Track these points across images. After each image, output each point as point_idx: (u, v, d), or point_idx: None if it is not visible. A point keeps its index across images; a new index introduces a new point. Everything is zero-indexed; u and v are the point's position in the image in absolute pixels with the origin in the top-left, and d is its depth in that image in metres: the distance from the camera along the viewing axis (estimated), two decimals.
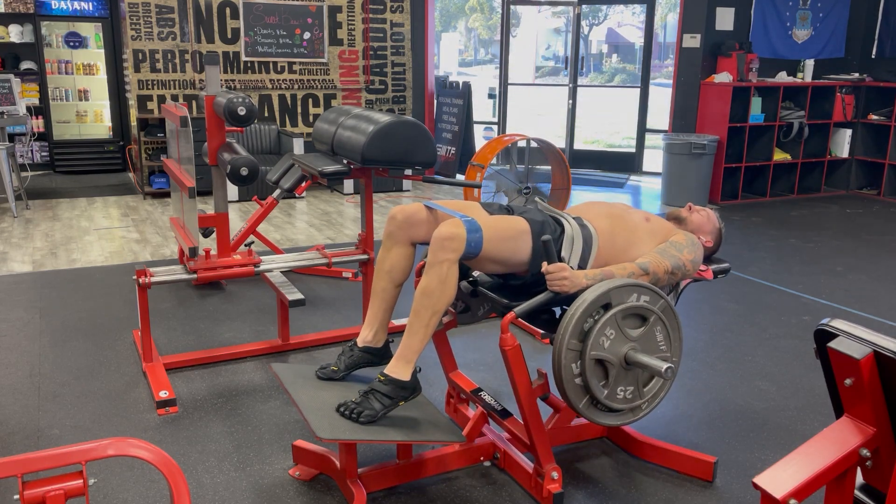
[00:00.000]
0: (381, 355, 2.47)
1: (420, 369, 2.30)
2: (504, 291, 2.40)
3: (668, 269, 2.31)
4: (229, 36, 7.26)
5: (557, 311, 2.41)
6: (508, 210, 2.49)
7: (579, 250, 2.32)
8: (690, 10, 7.15)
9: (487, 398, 2.64)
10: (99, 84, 8.44)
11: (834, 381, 1.61)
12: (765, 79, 7.28)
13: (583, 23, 12.30)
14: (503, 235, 2.23)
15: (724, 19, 7.15)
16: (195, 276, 3.29)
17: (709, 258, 2.66)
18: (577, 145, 9.19)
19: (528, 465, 2.45)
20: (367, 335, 2.46)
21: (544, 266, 2.18)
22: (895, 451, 1.56)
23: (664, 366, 2.04)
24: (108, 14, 8.17)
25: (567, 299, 2.25)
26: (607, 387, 2.14)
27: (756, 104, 7.10)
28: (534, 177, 5.60)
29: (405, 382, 2.24)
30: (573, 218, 2.40)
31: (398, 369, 2.24)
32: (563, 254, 2.30)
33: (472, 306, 2.60)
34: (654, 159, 8.50)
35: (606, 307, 2.10)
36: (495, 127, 9.06)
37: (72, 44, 8.26)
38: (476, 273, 2.53)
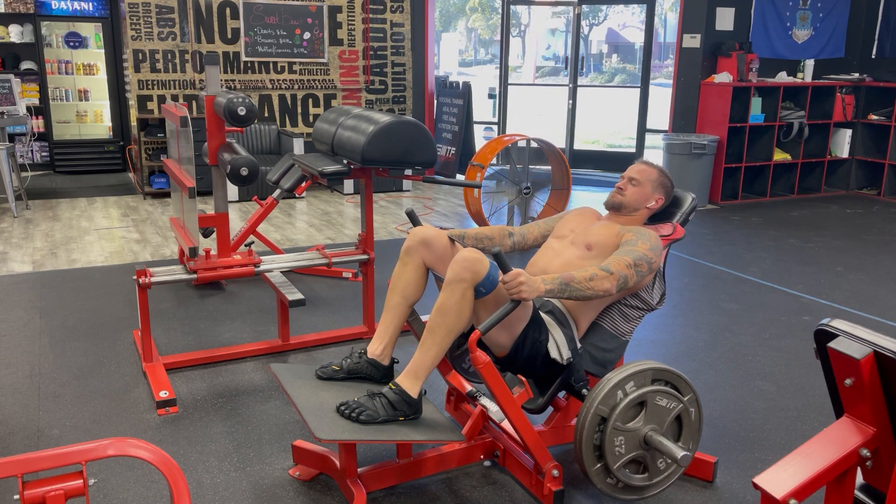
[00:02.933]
0: (384, 373, 2.48)
1: (426, 392, 2.31)
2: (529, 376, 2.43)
3: (629, 262, 2.26)
4: (229, 36, 7.26)
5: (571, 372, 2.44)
6: None
7: (561, 334, 2.33)
8: (690, 10, 7.15)
9: (483, 401, 2.64)
10: (99, 84, 8.44)
11: (834, 381, 1.61)
12: (765, 79, 7.28)
13: (583, 23, 12.31)
14: None
15: (724, 19, 7.15)
16: (195, 276, 3.29)
17: (674, 206, 2.62)
18: (577, 145, 9.18)
19: (529, 463, 2.45)
20: (376, 348, 2.47)
21: (500, 276, 2.14)
22: (895, 451, 1.56)
23: (680, 453, 2.05)
24: (108, 14, 8.17)
25: (535, 346, 2.26)
26: (647, 470, 2.16)
27: (756, 104, 7.10)
28: (534, 177, 5.60)
29: (412, 399, 2.24)
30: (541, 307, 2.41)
31: (407, 383, 2.24)
32: (553, 355, 2.29)
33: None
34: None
35: (604, 420, 2.09)
36: (495, 127, 9.06)
37: (72, 44, 8.26)
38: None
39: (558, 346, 2.31)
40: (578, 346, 2.39)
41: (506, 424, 2.58)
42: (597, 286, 2.18)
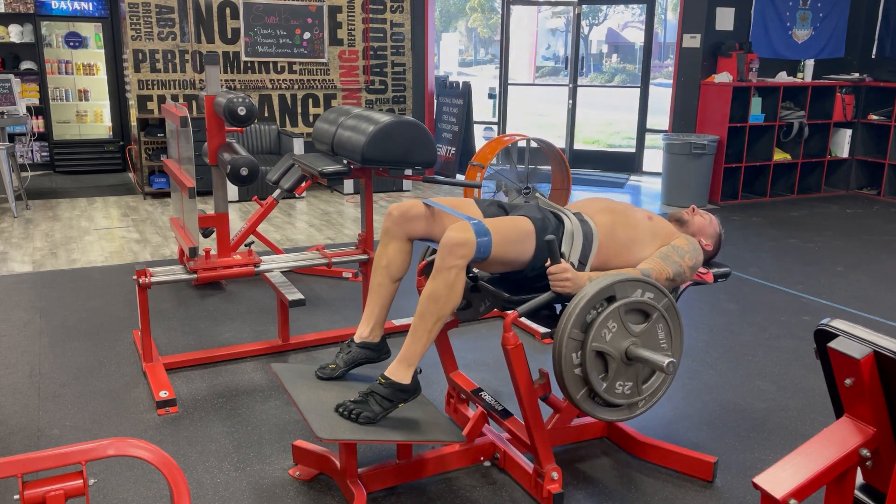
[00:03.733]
0: (378, 350, 2.48)
1: (420, 370, 2.30)
2: (504, 285, 2.40)
3: (669, 275, 2.31)
4: (229, 36, 7.26)
5: (558, 307, 2.41)
6: (502, 207, 2.48)
7: (579, 246, 2.30)
8: (690, 10, 7.15)
9: (488, 398, 2.64)
10: (99, 84, 8.44)
11: (834, 381, 1.61)
12: (765, 79, 7.28)
13: (583, 23, 12.31)
14: (511, 238, 2.22)
15: (724, 19, 7.15)
16: (195, 276, 3.29)
17: (707, 262, 2.66)
18: (577, 145, 9.19)
19: (528, 465, 2.45)
20: (364, 331, 2.47)
21: (548, 266, 2.17)
22: (895, 451, 1.56)
23: (666, 360, 2.03)
24: (108, 14, 8.17)
25: (569, 298, 2.25)
26: (606, 380, 2.13)
27: (756, 104, 7.10)
28: (534, 177, 5.60)
29: (405, 386, 2.23)
30: (573, 213, 2.39)
31: (399, 372, 2.23)
32: (563, 248, 2.28)
33: (473, 303, 2.60)
34: (654, 159, 8.50)
35: (610, 300, 2.09)
36: (495, 127, 9.06)
37: (72, 44, 8.26)
38: (476, 269, 2.53)
39: (573, 244, 2.29)
40: (587, 270, 2.31)
41: (508, 422, 2.57)
42: None
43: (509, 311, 2.22)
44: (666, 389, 2.24)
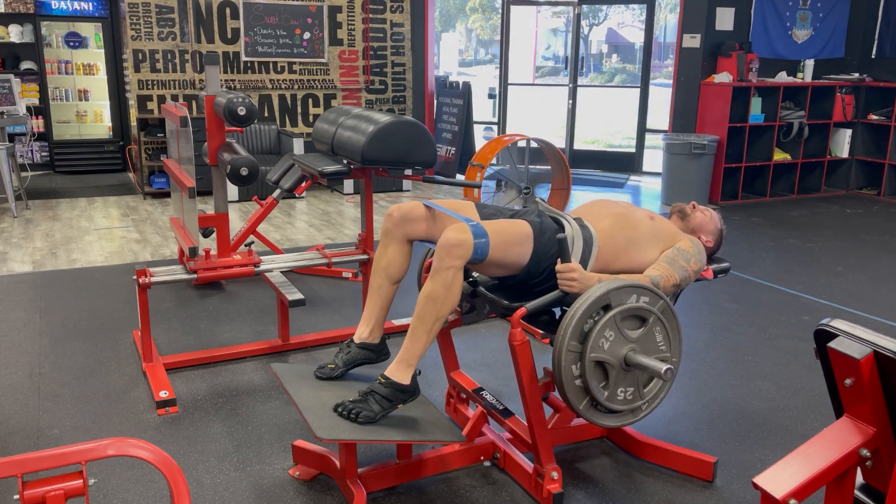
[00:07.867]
0: (378, 351, 2.48)
1: (420, 372, 2.30)
2: (503, 292, 2.40)
3: (676, 281, 2.32)
4: (229, 36, 7.26)
5: (557, 311, 2.41)
6: (502, 211, 2.48)
7: (579, 251, 2.32)
8: (690, 10, 7.15)
9: (489, 397, 2.64)
10: (99, 84, 8.44)
11: (834, 381, 1.61)
12: (765, 79, 7.28)
13: (583, 23, 12.31)
14: (509, 241, 2.23)
15: (724, 19, 7.15)
16: (195, 276, 3.29)
17: (709, 258, 2.66)
18: (577, 145, 9.19)
19: (528, 464, 2.45)
20: (363, 332, 2.47)
21: (557, 265, 2.17)
22: (895, 451, 1.56)
23: (663, 367, 2.04)
24: (108, 14, 8.17)
25: (575, 297, 2.25)
26: (607, 388, 2.14)
27: (756, 104, 7.10)
28: (534, 177, 5.60)
29: (405, 386, 2.23)
30: (574, 219, 2.40)
31: (399, 373, 2.23)
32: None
33: (475, 306, 2.60)
34: (654, 159, 8.50)
35: (606, 308, 2.10)
36: (495, 127, 9.06)
37: (72, 44, 8.26)
38: (476, 273, 2.53)
39: (573, 249, 2.30)
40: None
41: (509, 421, 2.57)
42: None
43: (516, 308, 2.23)
44: (667, 391, 2.25)
